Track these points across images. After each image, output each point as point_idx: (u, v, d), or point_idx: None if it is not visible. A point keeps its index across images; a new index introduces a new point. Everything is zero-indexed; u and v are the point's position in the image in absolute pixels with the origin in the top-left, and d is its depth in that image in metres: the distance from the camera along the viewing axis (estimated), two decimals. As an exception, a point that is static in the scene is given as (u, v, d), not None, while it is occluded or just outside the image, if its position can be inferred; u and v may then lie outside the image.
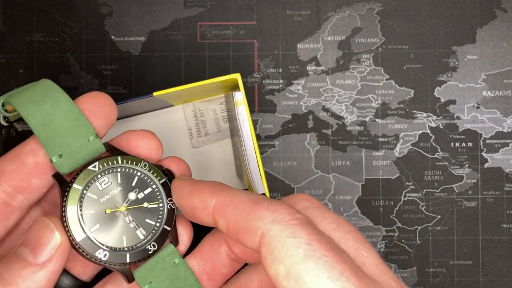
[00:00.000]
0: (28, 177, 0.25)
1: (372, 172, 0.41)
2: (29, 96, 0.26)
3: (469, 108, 0.41)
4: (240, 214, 0.23)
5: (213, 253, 0.27)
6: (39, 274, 0.23)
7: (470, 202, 0.41)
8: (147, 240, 0.26)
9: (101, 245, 0.25)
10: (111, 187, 0.26)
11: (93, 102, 0.26)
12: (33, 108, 0.25)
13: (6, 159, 0.26)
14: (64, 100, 0.26)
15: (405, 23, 0.41)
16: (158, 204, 0.27)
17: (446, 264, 0.41)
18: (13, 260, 0.23)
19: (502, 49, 0.41)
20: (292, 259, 0.20)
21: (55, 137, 0.25)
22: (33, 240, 0.23)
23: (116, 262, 0.26)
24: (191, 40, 0.41)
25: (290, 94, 0.41)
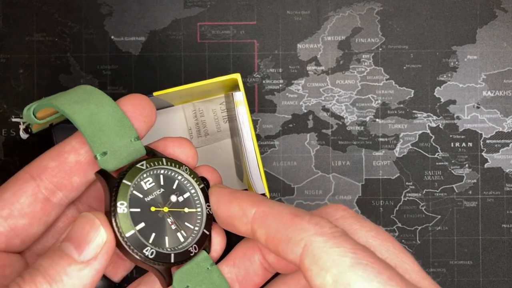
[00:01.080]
0: (69, 174, 0.26)
1: (372, 172, 0.41)
2: (72, 97, 0.26)
3: (469, 108, 0.41)
4: (281, 225, 0.23)
5: (246, 261, 0.27)
6: (84, 272, 0.23)
7: (470, 202, 0.41)
8: (188, 242, 0.26)
9: (148, 243, 0.25)
10: (154, 188, 0.26)
11: (135, 104, 0.27)
12: (78, 108, 0.25)
13: (48, 156, 0.26)
14: (108, 102, 0.26)
15: (405, 23, 0.41)
16: (197, 208, 0.27)
17: (446, 264, 0.41)
18: (58, 256, 0.23)
19: (502, 49, 0.41)
20: (339, 267, 0.21)
21: (101, 135, 0.25)
22: (78, 236, 0.23)
23: (162, 261, 0.25)
24: (191, 40, 0.41)
25: (290, 94, 0.41)
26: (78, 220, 0.23)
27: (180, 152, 0.28)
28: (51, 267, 0.22)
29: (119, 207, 0.24)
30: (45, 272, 0.22)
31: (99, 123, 0.25)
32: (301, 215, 0.23)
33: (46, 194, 0.26)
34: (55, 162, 0.25)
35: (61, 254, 0.23)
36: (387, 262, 0.22)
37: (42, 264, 0.22)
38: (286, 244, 0.22)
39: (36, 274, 0.22)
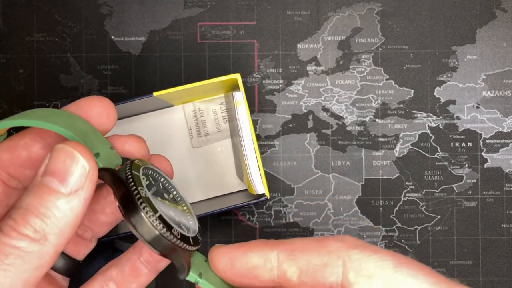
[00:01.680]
0: (21, 168, 0.26)
1: (372, 172, 0.41)
2: (38, 115, 0.25)
3: (469, 108, 0.41)
4: (311, 254, 0.23)
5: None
6: (73, 203, 0.23)
7: (470, 202, 0.41)
8: (195, 229, 0.26)
9: (172, 224, 0.24)
10: (150, 184, 0.26)
11: (98, 105, 0.26)
12: (53, 119, 0.25)
13: (2, 147, 0.26)
14: (75, 116, 0.26)
15: (405, 23, 0.41)
16: (184, 207, 0.27)
17: (446, 264, 0.41)
18: (44, 192, 0.23)
19: (502, 49, 0.41)
20: (385, 271, 0.22)
21: (88, 139, 0.25)
22: (60, 169, 0.23)
23: (183, 248, 0.24)
24: (191, 40, 0.41)
25: (290, 94, 0.41)
26: (56, 153, 0.23)
27: (131, 148, 0.27)
28: (41, 205, 0.22)
29: (141, 191, 0.24)
30: (35, 210, 0.22)
31: (81, 130, 0.25)
32: (325, 239, 0.23)
33: (3, 180, 0.26)
34: (8, 155, 0.26)
35: (47, 190, 0.23)
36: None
37: (30, 203, 0.22)
38: (324, 269, 0.23)
39: (27, 214, 0.22)
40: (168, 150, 0.40)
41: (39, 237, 0.22)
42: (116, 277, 0.28)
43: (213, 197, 0.40)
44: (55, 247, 0.23)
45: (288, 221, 0.41)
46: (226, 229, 0.41)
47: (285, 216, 0.41)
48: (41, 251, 0.22)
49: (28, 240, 0.22)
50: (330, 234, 0.41)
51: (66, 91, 0.41)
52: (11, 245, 0.22)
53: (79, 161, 0.23)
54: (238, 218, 0.41)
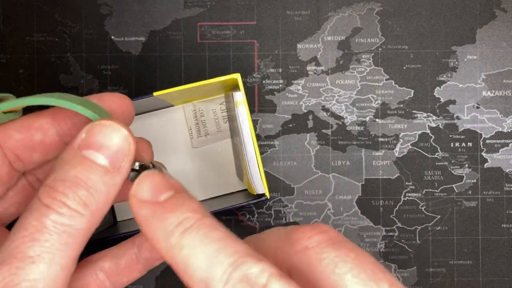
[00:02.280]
0: (31, 150, 0.25)
1: (372, 172, 0.41)
2: (70, 98, 0.25)
3: (469, 108, 0.41)
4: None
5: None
6: (116, 179, 0.22)
7: (470, 202, 0.41)
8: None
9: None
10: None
11: (118, 102, 0.26)
12: (80, 108, 0.24)
13: (15, 126, 0.25)
14: (101, 107, 0.26)
15: (405, 23, 0.41)
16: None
17: (446, 264, 0.41)
18: (88, 165, 0.22)
19: (502, 49, 0.41)
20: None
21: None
22: (107, 145, 0.22)
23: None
24: (191, 40, 0.41)
25: (290, 94, 0.41)
26: (101, 129, 0.23)
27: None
28: (88, 178, 0.22)
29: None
30: (84, 183, 0.22)
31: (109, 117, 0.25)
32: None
33: (10, 160, 0.25)
34: (21, 135, 0.25)
35: (90, 164, 0.22)
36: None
37: (77, 175, 0.22)
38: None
39: (76, 186, 0.21)
40: (168, 150, 0.40)
41: (88, 213, 0.21)
42: (109, 269, 0.27)
43: (213, 197, 0.40)
44: (97, 224, 0.22)
45: (288, 221, 0.41)
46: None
47: (285, 216, 0.41)
48: (88, 228, 0.21)
49: (79, 215, 0.21)
50: (330, 234, 0.41)
51: (66, 91, 0.41)
52: (62, 222, 0.21)
53: (127, 139, 0.23)
54: (238, 218, 0.41)
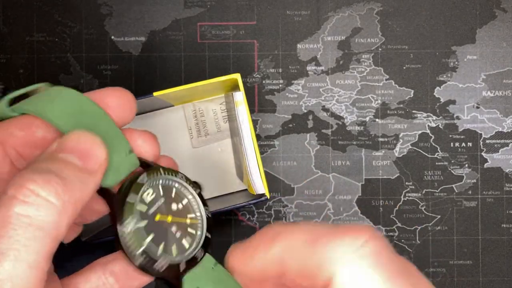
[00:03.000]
0: (33, 148, 0.25)
1: (372, 172, 0.41)
2: (63, 108, 0.25)
3: (469, 108, 0.41)
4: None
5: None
6: (91, 180, 0.23)
7: (470, 202, 0.41)
8: (194, 248, 0.26)
9: (157, 256, 0.25)
10: (155, 198, 0.26)
11: (119, 96, 0.26)
12: (73, 122, 0.25)
13: (15, 124, 0.25)
14: (101, 115, 0.25)
15: (405, 23, 0.41)
16: (196, 213, 0.27)
17: (446, 264, 0.41)
18: (64, 163, 0.23)
19: (502, 49, 0.41)
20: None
21: (108, 141, 0.24)
22: (81, 149, 0.23)
23: (171, 274, 0.25)
24: (191, 40, 0.41)
25: (290, 94, 0.41)
26: (77, 136, 0.23)
27: (144, 144, 0.27)
28: (61, 172, 0.22)
29: (126, 226, 0.24)
30: (57, 174, 0.22)
31: (103, 131, 0.25)
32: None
33: (11, 158, 0.25)
34: (23, 133, 0.25)
35: (66, 164, 0.23)
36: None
37: (51, 168, 0.22)
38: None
39: (47, 174, 0.22)
40: (168, 150, 0.40)
41: (60, 203, 0.22)
42: (119, 272, 0.27)
43: (213, 197, 0.40)
44: (69, 221, 0.22)
45: (288, 221, 0.41)
46: (226, 229, 0.41)
47: (285, 216, 0.41)
48: (58, 222, 0.21)
49: (48, 205, 0.21)
50: (330, 234, 0.41)
51: (66, 91, 0.41)
52: (27, 214, 0.21)
53: (100, 147, 0.23)
54: (238, 218, 0.41)
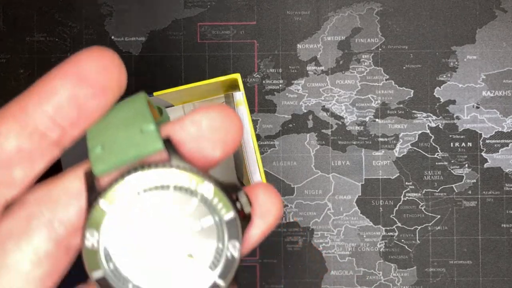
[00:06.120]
0: (3, 167, 0.19)
1: (372, 172, 0.41)
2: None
3: (468, 108, 0.41)
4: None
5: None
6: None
7: (470, 202, 0.41)
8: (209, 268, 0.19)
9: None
10: (156, 210, 0.19)
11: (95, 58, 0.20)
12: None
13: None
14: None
15: (404, 23, 0.41)
16: (216, 244, 0.19)
17: (446, 264, 0.41)
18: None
19: (502, 49, 0.41)
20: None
21: (102, 123, 0.19)
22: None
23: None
24: (191, 40, 0.41)
25: (290, 94, 0.41)
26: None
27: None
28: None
29: (88, 238, 0.18)
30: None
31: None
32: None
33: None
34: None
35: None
36: None
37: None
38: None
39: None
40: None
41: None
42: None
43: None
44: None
45: (288, 221, 0.41)
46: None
47: (285, 216, 0.41)
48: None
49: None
50: (330, 234, 0.41)
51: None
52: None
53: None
54: (238, 218, 0.41)
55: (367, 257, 0.41)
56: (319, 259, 0.41)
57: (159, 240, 0.19)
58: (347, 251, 0.41)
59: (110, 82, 0.20)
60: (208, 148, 0.20)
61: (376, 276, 0.41)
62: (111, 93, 0.20)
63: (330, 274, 0.41)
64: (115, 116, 0.19)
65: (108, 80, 0.20)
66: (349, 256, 0.41)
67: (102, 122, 0.19)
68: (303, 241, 0.41)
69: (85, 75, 0.19)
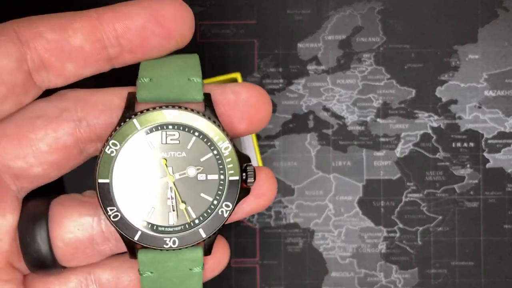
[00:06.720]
0: (65, 57, 0.21)
1: (373, 172, 0.41)
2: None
3: (470, 108, 0.41)
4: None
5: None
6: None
7: (472, 202, 0.41)
8: (173, 229, 0.22)
9: (116, 203, 0.21)
10: (175, 147, 0.21)
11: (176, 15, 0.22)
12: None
13: (48, 22, 0.22)
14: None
15: (406, 22, 0.41)
16: (211, 200, 0.22)
17: (448, 265, 0.41)
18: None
19: (504, 48, 0.41)
20: None
21: (156, 64, 0.22)
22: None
23: (124, 231, 0.21)
24: (191, 39, 0.41)
25: (290, 93, 0.41)
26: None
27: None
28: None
29: (110, 146, 0.21)
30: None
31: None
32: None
33: (30, 67, 0.21)
34: (55, 36, 0.21)
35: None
36: None
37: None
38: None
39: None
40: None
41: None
42: (106, 283, 0.23)
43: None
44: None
45: (288, 222, 0.41)
46: (225, 230, 0.41)
47: (285, 217, 0.41)
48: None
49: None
50: (331, 235, 0.41)
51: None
52: None
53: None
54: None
55: (368, 258, 0.41)
56: (319, 261, 0.41)
57: (162, 175, 0.21)
58: (348, 252, 0.41)
59: (178, 32, 0.22)
60: (237, 118, 0.22)
61: (377, 278, 0.41)
62: (175, 41, 0.22)
63: (330, 275, 0.41)
64: (169, 61, 0.22)
65: (177, 29, 0.22)
66: (350, 257, 0.41)
67: (157, 62, 0.22)
68: (303, 242, 0.41)
69: (162, 15, 0.21)
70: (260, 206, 0.23)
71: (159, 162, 0.21)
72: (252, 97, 0.22)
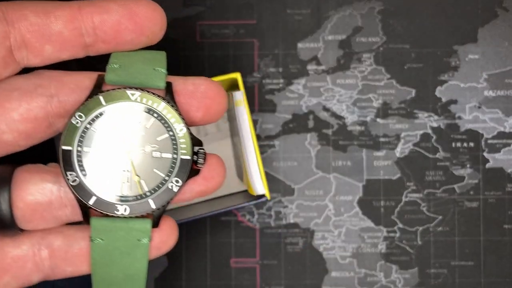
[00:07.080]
0: (45, 40, 0.24)
1: (373, 172, 0.41)
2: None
3: (470, 108, 0.41)
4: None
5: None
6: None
7: (472, 202, 0.41)
8: (126, 198, 0.24)
9: (77, 168, 0.24)
10: (136, 126, 0.24)
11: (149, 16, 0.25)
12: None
13: (32, 7, 0.24)
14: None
15: (406, 22, 0.41)
16: (163, 176, 0.24)
17: (447, 265, 0.41)
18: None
19: (504, 48, 0.41)
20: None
21: (124, 53, 0.25)
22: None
23: (80, 195, 0.24)
24: (191, 39, 0.41)
25: (290, 93, 0.41)
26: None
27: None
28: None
29: (76, 117, 0.24)
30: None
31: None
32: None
33: (12, 44, 0.23)
34: (38, 19, 0.23)
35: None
36: None
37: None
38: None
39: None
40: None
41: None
42: (57, 249, 0.25)
43: (212, 198, 0.40)
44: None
45: (288, 222, 0.41)
46: (225, 230, 0.41)
47: (285, 217, 0.41)
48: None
49: None
50: (331, 235, 0.41)
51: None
52: None
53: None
54: (238, 219, 0.41)
55: (368, 258, 0.41)
56: (319, 260, 0.41)
57: (122, 149, 0.24)
58: (348, 252, 0.41)
59: (149, 30, 0.24)
60: (195, 106, 0.25)
61: (377, 278, 0.41)
62: (146, 37, 0.25)
63: (330, 275, 0.41)
64: (139, 54, 0.25)
65: (149, 27, 0.24)
66: (350, 257, 0.41)
67: (127, 53, 0.25)
68: (303, 242, 0.41)
69: (136, 13, 0.24)
70: (208, 188, 0.25)
71: (119, 137, 0.24)
72: (209, 90, 0.25)
